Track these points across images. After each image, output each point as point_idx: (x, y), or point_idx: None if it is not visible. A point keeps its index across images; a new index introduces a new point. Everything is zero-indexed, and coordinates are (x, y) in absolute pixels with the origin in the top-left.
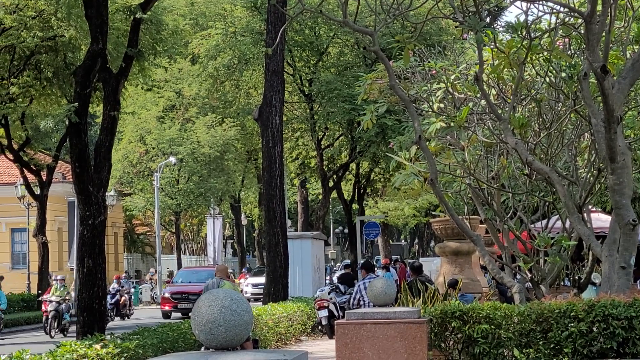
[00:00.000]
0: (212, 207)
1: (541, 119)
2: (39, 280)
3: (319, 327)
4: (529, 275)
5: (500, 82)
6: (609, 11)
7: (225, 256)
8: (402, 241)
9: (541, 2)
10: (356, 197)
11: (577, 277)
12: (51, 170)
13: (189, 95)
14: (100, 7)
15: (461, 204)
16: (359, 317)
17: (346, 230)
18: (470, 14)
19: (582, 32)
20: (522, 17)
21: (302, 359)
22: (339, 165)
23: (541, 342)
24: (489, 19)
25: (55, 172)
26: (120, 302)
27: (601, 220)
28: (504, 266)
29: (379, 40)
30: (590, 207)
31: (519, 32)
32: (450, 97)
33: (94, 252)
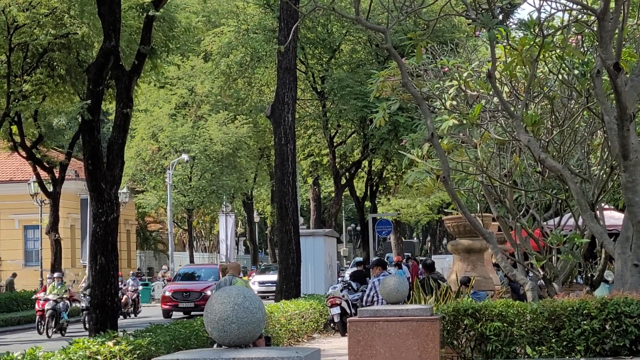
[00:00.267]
0: (224, 204)
1: (554, 117)
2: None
3: (331, 324)
4: (542, 272)
5: (512, 79)
6: (621, 8)
7: (237, 253)
8: (414, 238)
9: (554, 0)
10: (368, 194)
11: (589, 275)
12: (64, 167)
13: (202, 92)
14: (113, 4)
15: (473, 202)
16: (372, 315)
17: (358, 227)
18: (482, 11)
19: (595, 29)
20: (534, 15)
21: (315, 356)
22: (351, 162)
23: (554, 340)
24: (501, 16)
25: (68, 169)
26: (122, 301)
27: (614, 217)
28: (517, 264)
29: (391, 37)
30: (603, 204)
31: (532, 30)
32: (462, 94)
33: (106, 250)
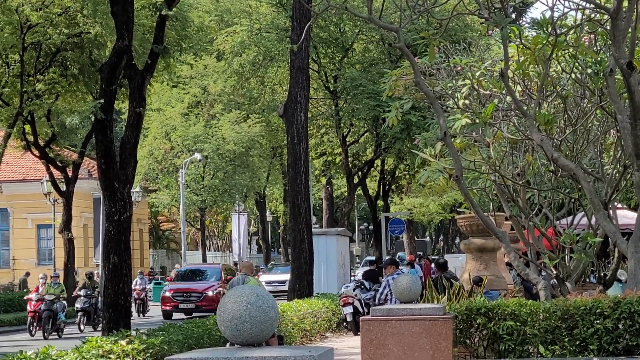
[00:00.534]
0: (237, 203)
1: (567, 116)
2: (64, 276)
3: (344, 323)
4: (555, 272)
5: (525, 78)
6: (635, 7)
7: (250, 252)
8: (427, 237)
9: None
10: (381, 193)
11: (602, 274)
12: (77, 166)
13: (214, 91)
14: (125, 3)
15: (486, 201)
16: (384, 314)
17: (371, 226)
18: (495, 10)
19: (608, 28)
20: (547, 14)
21: (328, 355)
22: (364, 161)
23: (567, 339)
24: (514, 15)
25: (81, 168)
26: None
27: (627, 217)
28: (529, 263)
29: (404, 36)
30: (616, 203)
31: (545, 29)
32: (475, 93)
33: (119, 249)
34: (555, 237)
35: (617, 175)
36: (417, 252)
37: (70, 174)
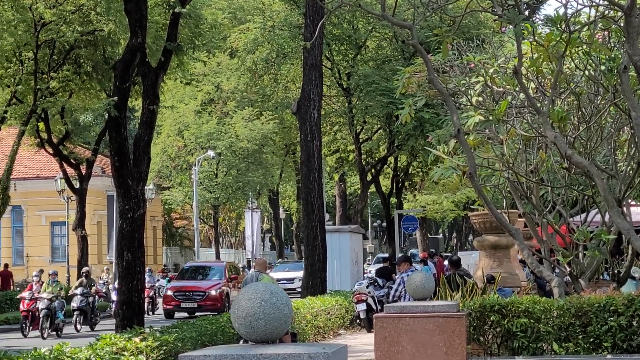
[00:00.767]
0: (250, 200)
1: (580, 113)
2: (78, 273)
3: (357, 320)
4: (568, 269)
5: (539, 75)
6: None
7: (263, 250)
8: (440, 235)
9: None
10: (394, 190)
11: (616, 271)
12: (90, 164)
13: (228, 89)
14: (139, 1)
15: (500, 198)
16: (398, 311)
17: (384, 223)
18: (509, 7)
19: (622, 25)
20: (561, 10)
21: (342, 352)
22: (377, 158)
23: (580, 336)
24: (527, 12)
25: (94, 165)
26: None
27: None
28: (543, 260)
29: (417, 33)
30: (629, 200)
31: (558, 25)
32: (488, 90)
33: (133, 246)
34: (568, 234)
35: (630, 172)
36: (430, 250)
37: (83, 172)
